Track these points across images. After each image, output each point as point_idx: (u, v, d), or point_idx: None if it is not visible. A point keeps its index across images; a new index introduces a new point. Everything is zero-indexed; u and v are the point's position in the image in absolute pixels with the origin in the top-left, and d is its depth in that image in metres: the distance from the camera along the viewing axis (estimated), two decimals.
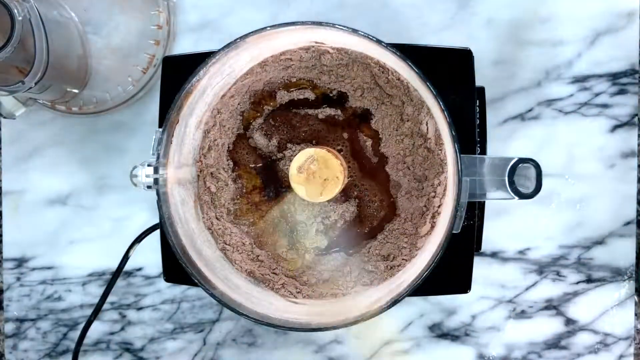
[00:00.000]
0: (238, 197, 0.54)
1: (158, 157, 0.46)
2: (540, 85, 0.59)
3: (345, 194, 0.53)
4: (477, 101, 0.51)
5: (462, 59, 0.50)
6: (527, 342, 0.60)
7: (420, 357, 0.60)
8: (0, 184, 0.64)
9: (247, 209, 0.54)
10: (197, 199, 0.53)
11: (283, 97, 0.53)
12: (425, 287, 0.44)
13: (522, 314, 0.59)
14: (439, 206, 0.50)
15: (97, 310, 0.55)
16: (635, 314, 0.59)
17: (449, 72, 0.50)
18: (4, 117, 0.57)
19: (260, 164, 0.54)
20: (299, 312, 0.50)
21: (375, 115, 0.52)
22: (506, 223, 0.59)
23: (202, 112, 0.51)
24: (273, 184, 0.54)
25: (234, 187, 0.54)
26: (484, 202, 0.54)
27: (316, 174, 0.50)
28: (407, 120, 0.51)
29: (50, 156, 0.63)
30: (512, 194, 0.44)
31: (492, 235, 0.59)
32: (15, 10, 0.47)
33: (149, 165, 0.45)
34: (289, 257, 0.54)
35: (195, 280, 0.47)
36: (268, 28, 0.45)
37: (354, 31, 0.44)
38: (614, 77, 0.58)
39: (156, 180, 0.46)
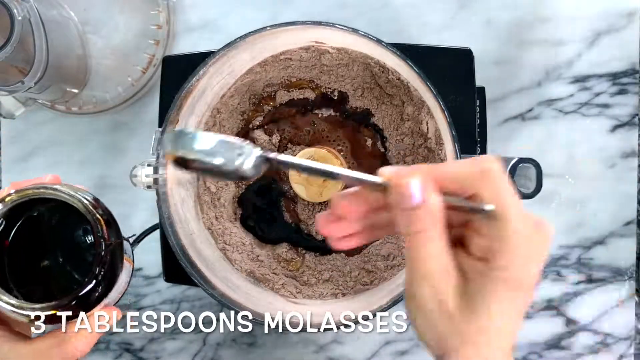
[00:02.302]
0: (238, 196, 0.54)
1: (158, 157, 0.46)
2: (540, 85, 0.59)
3: None
4: (477, 101, 0.51)
5: (462, 58, 0.50)
6: (527, 342, 0.60)
7: (420, 357, 0.60)
8: (0, 184, 0.64)
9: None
10: (197, 199, 0.53)
11: (283, 97, 0.53)
12: None
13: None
14: None
15: None
16: (636, 314, 0.59)
17: (449, 72, 0.50)
18: (4, 117, 0.57)
19: None
20: (299, 312, 0.50)
21: (376, 115, 0.52)
22: None
23: (202, 112, 0.51)
24: (273, 184, 0.54)
25: (234, 187, 0.54)
26: None
27: None
28: (408, 120, 0.51)
29: (50, 156, 0.63)
30: None
31: None
32: (15, 10, 0.47)
33: (148, 165, 0.45)
34: (289, 257, 0.54)
35: (195, 281, 0.47)
36: (268, 28, 0.45)
37: (354, 31, 0.44)
38: (614, 77, 0.58)
39: (156, 180, 0.46)
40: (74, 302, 0.36)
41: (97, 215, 0.36)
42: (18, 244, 0.37)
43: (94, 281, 0.36)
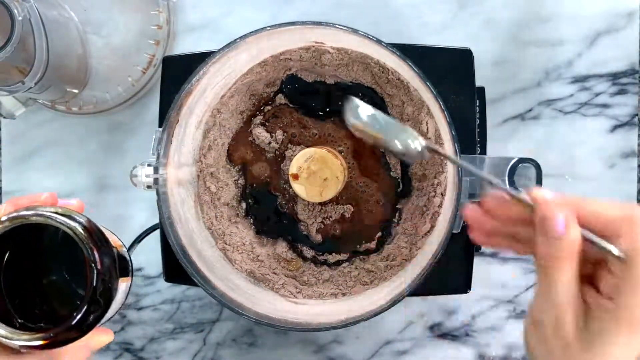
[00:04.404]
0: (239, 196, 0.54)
1: (158, 157, 0.46)
2: (540, 85, 0.59)
3: (345, 194, 0.53)
4: (477, 101, 0.51)
5: (462, 59, 0.50)
6: None
7: (420, 357, 0.60)
8: (0, 184, 0.64)
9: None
10: (197, 199, 0.53)
11: (283, 97, 0.53)
12: (425, 287, 0.44)
13: (522, 314, 0.59)
14: (439, 206, 0.50)
15: None
16: None
17: (449, 72, 0.50)
18: (4, 117, 0.57)
19: (260, 163, 0.54)
20: (299, 312, 0.50)
21: None
22: None
23: (202, 112, 0.51)
24: (273, 183, 0.54)
25: (234, 187, 0.54)
26: None
27: (316, 173, 0.50)
28: (407, 120, 0.51)
29: (50, 156, 0.63)
30: None
31: None
32: (15, 10, 0.47)
33: (148, 165, 0.45)
34: (289, 257, 0.54)
35: (195, 280, 0.47)
36: (268, 28, 0.45)
37: (354, 31, 0.44)
38: (614, 77, 0.58)
39: (156, 180, 0.46)
40: (67, 330, 0.35)
41: (91, 244, 0.35)
42: (14, 265, 0.37)
43: (84, 309, 0.35)
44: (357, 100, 0.36)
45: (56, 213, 0.35)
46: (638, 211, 0.34)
